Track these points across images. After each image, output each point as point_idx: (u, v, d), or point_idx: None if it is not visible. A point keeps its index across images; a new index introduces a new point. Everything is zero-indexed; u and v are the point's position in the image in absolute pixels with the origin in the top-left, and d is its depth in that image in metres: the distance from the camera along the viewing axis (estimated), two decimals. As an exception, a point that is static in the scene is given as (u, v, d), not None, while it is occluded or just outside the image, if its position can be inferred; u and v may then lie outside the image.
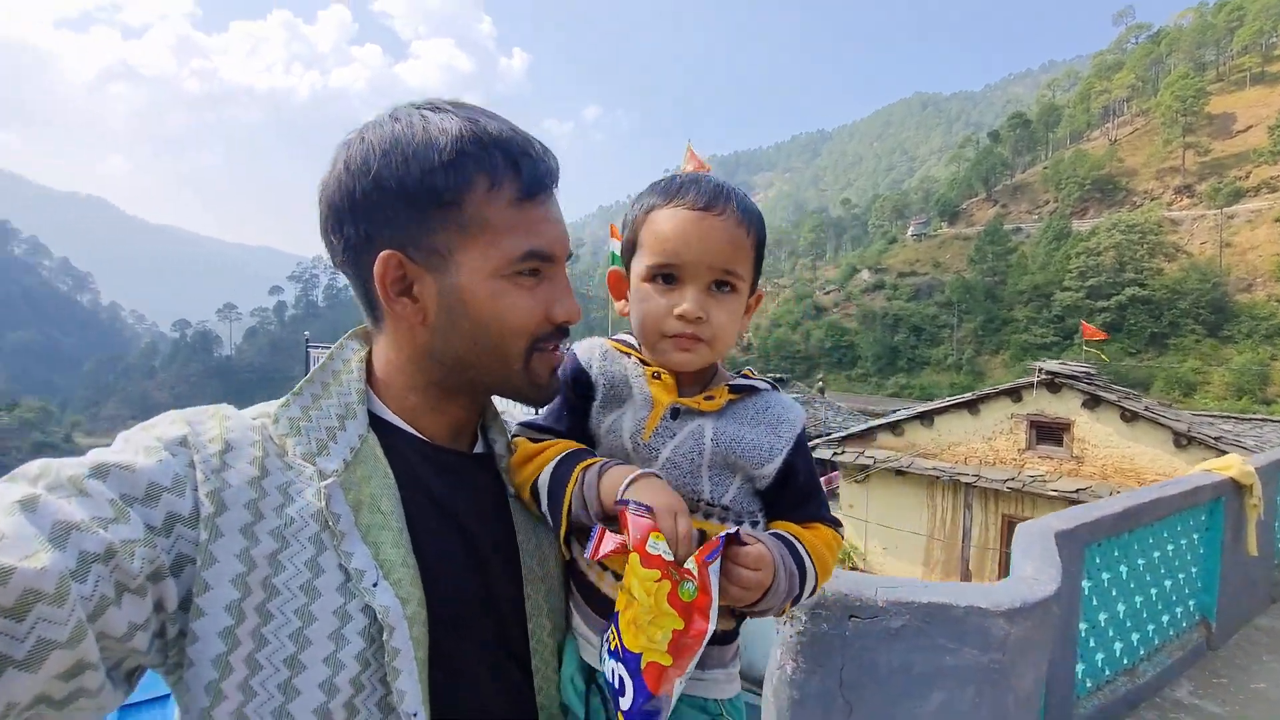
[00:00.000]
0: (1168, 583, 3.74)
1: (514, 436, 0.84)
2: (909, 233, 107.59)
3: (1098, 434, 11.18)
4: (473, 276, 0.70)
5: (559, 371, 0.78)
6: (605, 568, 0.76)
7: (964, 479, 12.00)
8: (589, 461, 0.76)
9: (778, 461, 0.79)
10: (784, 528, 0.80)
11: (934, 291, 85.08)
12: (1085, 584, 3.14)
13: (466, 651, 0.68)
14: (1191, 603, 3.97)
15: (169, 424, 0.62)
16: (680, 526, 0.66)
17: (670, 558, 0.63)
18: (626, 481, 0.70)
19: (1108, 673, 3.34)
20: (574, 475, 0.74)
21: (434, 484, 0.73)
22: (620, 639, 0.65)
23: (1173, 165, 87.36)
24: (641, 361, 0.83)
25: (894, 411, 15.36)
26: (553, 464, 0.76)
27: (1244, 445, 9.82)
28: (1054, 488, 10.78)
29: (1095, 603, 3.23)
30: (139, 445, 0.59)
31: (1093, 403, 11.21)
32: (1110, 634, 3.35)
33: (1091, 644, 3.24)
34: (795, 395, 26.59)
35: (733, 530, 0.67)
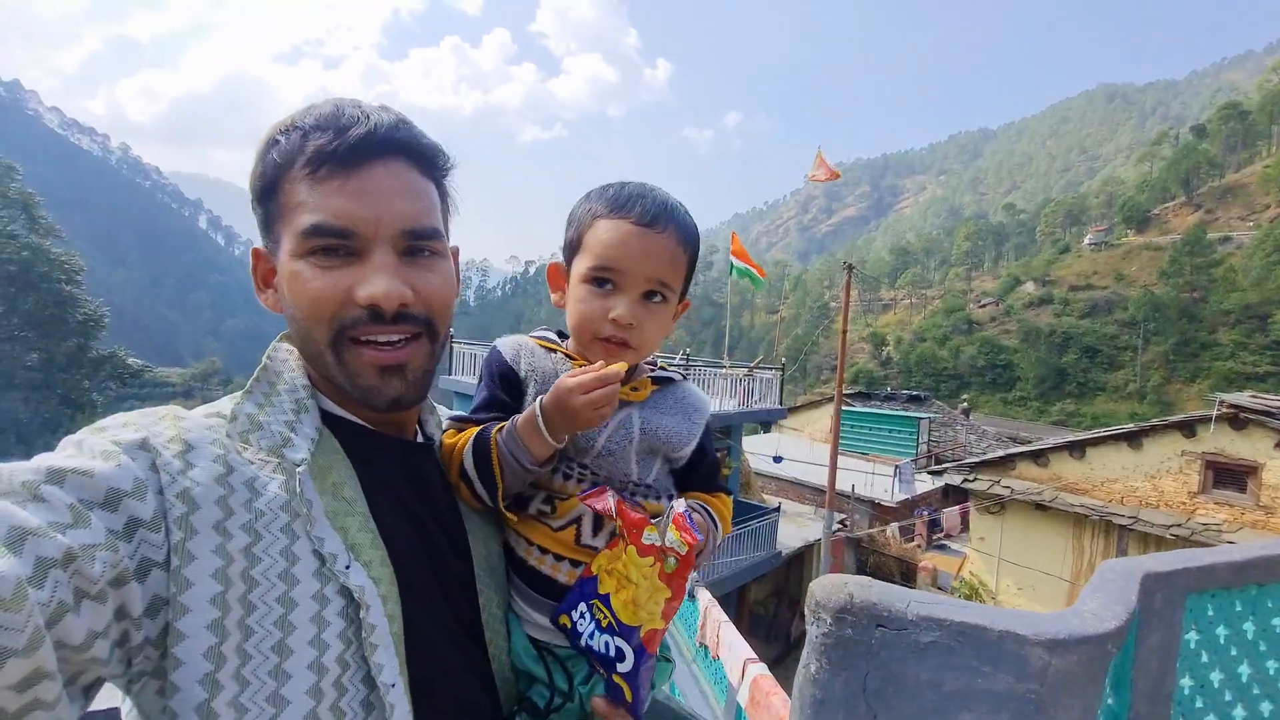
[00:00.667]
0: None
1: (445, 427, 0.86)
2: (1086, 241, 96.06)
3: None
4: (283, 260, 0.70)
5: (403, 379, 0.73)
6: (545, 551, 0.82)
7: (1118, 520, 10.64)
8: (499, 426, 0.81)
9: (693, 444, 0.92)
10: (697, 497, 0.92)
11: (1114, 308, 75.13)
12: (1190, 636, 2.84)
13: (428, 625, 0.71)
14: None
15: (121, 427, 0.62)
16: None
17: (661, 544, 0.73)
18: (539, 418, 0.77)
19: (1221, 742, 2.97)
20: (492, 441, 0.79)
21: (386, 472, 0.75)
22: (615, 617, 0.74)
23: None
24: (567, 356, 0.88)
25: (1039, 439, 13.93)
26: (470, 441, 0.80)
27: None
28: (1231, 539, 9.27)
29: (1205, 659, 2.90)
30: (94, 449, 0.58)
31: (1292, 444, 9.48)
32: (1228, 698, 2.98)
33: (1199, 704, 2.91)
34: (930, 414, 24.73)
35: (684, 510, 0.76)
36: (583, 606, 0.77)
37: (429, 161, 0.74)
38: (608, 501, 0.76)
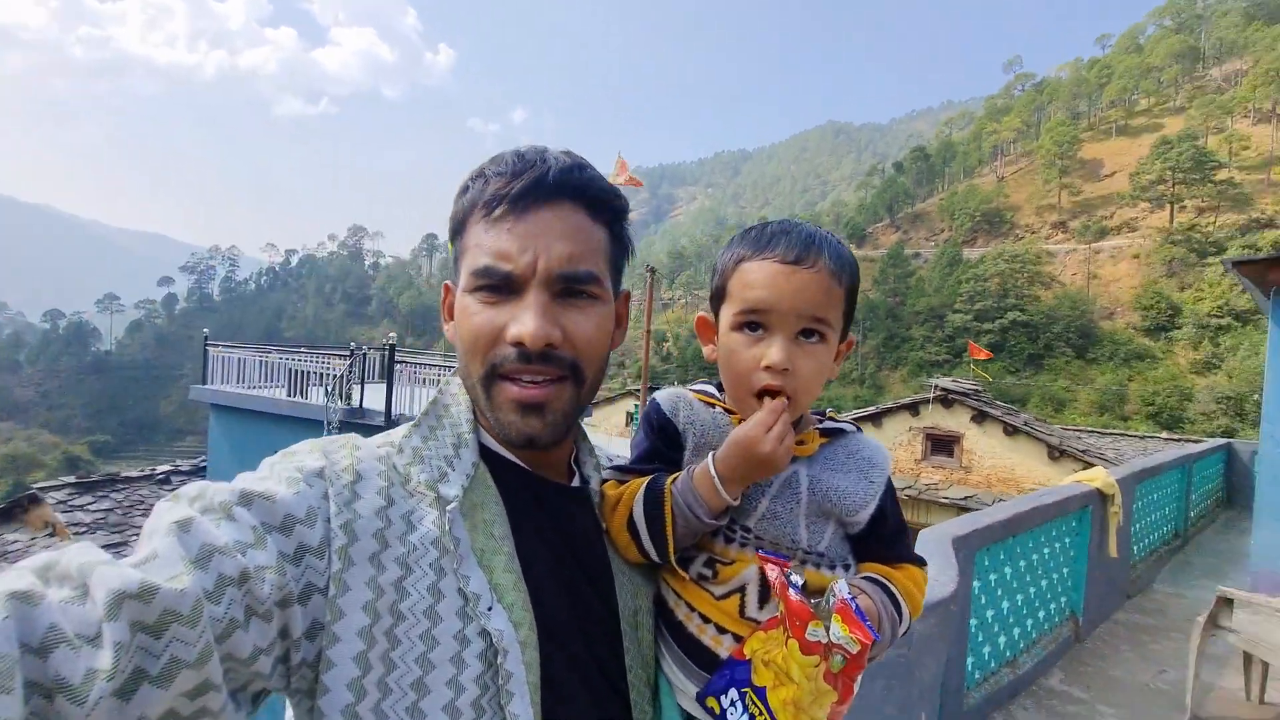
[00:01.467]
0: (1044, 583, 4.16)
1: (603, 481, 0.82)
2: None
3: (984, 446, 12.20)
4: (458, 295, 0.73)
5: (542, 419, 0.71)
6: (706, 620, 0.76)
7: (868, 488, 12.75)
8: (674, 476, 0.77)
9: (872, 507, 0.80)
10: (875, 570, 0.80)
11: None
12: (976, 584, 3.45)
13: (568, 675, 0.68)
14: (1063, 600, 4.43)
15: (307, 454, 0.66)
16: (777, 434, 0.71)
17: (826, 640, 0.64)
18: (713, 473, 0.73)
19: (993, 665, 3.67)
20: (666, 492, 0.75)
21: (535, 513, 0.74)
22: (771, 715, 0.66)
23: (1050, 203, 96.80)
24: (727, 410, 0.82)
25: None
26: (641, 492, 0.76)
27: (1105, 458, 10.99)
28: (945, 495, 11.66)
29: (984, 601, 3.56)
30: (281, 474, 0.62)
31: (980, 417, 12.24)
32: (996, 629, 3.69)
33: (980, 639, 3.55)
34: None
35: (849, 596, 0.68)
36: (734, 694, 0.69)
37: (600, 205, 0.74)
38: (777, 574, 0.70)
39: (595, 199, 0.73)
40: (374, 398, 11.46)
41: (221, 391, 12.70)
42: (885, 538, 0.82)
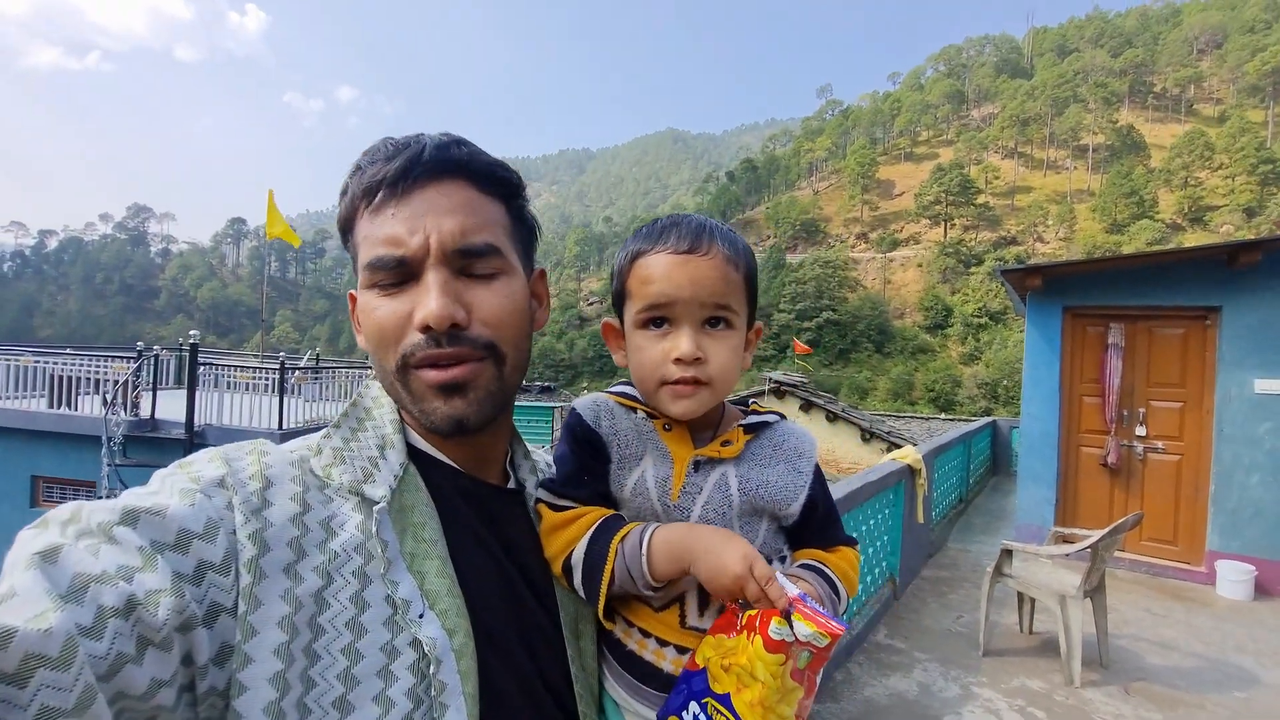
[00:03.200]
0: (870, 550, 4.70)
1: (536, 502, 0.79)
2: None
3: (811, 431, 13.52)
4: (359, 297, 0.70)
5: (465, 399, 0.68)
6: (646, 634, 0.74)
7: (711, 476, 13.57)
8: (624, 531, 0.73)
9: (803, 498, 0.79)
10: (811, 556, 0.80)
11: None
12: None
13: (507, 684, 0.65)
14: (884, 564, 5.03)
15: (206, 462, 0.61)
16: (759, 572, 0.64)
17: (791, 639, 0.62)
18: (683, 548, 0.68)
19: (833, 629, 4.07)
20: (611, 549, 0.71)
21: (469, 515, 0.71)
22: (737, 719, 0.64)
23: (855, 216, 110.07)
24: (649, 414, 0.80)
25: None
26: (586, 539, 0.73)
27: (904, 438, 12.71)
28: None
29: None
30: (174, 487, 0.57)
31: (807, 406, 13.55)
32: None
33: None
34: (560, 403, 27.11)
35: (798, 592, 0.65)
36: (695, 707, 0.66)
37: (489, 178, 0.71)
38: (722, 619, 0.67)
39: (482, 173, 0.70)
40: (170, 407, 9.86)
41: (-50, 403, 10.17)
42: (818, 525, 0.81)
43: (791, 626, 0.62)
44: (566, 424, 0.83)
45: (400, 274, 0.66)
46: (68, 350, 11.72)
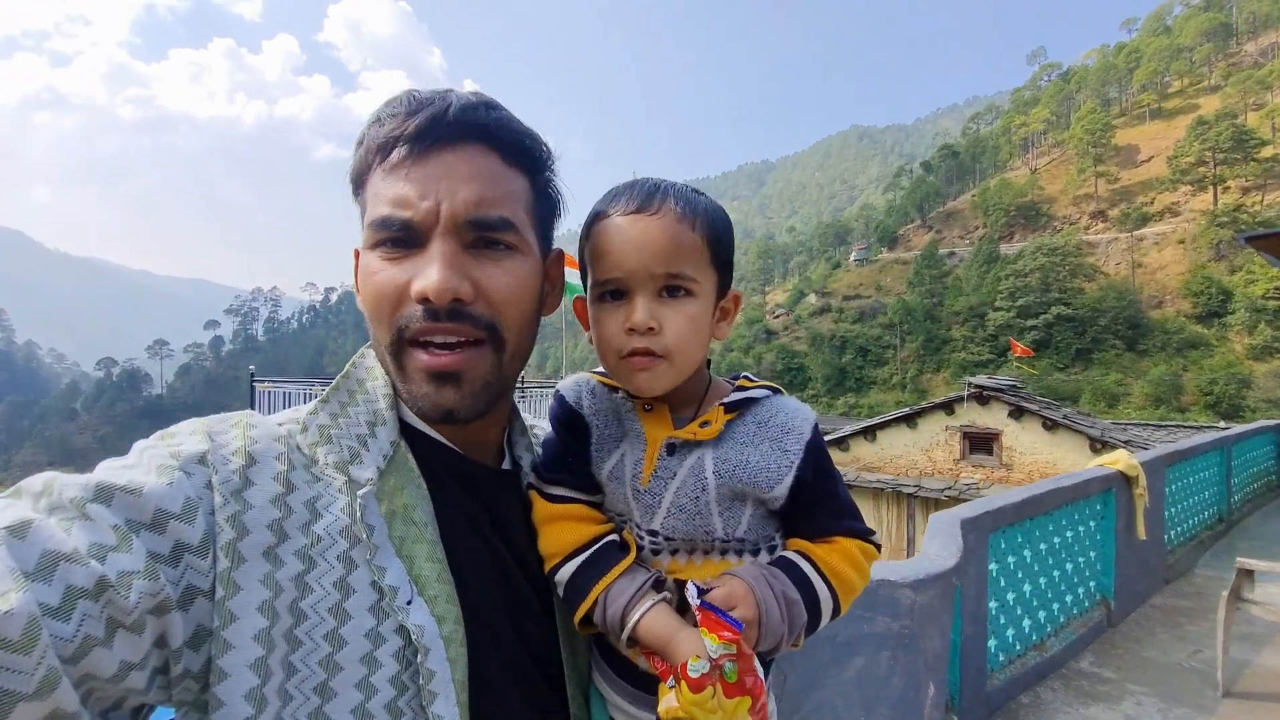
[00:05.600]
0: (1069, 565, 4.19)
1: (527, 486, 0.77)
2: (851, 258, 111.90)
3: (1023, 442, 11.98)
4: (361, 256, 0.67)
5: (458, 389, 0.64)
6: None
7: (905, 489, 12.62)
8: (613, 574, 0.70)
9: (788, 480, 0.71)
10: (795, 547, 0.74)
11: (877, 314, 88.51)
12: (993, 566, 3.53)
13: (498, 670, 0.64)
14: (1092, 584, 4.43)
15: (189, 435, 0.59)
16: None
17: (707, 669, 0.60)
18: (666, 635, 0.65)
19: (1019, 647, 3.72)
20: (594, 592, 0.69)
21: (462, 497, 0.69)
22: None
23: (1087, 192, 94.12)
24: (629, 394, 0.77)
25: (835, 429, 16.00)
26: (574, 566, 0.71)
27: (1149, 447, 10.71)
28: (987, 493, 11.46)
29: (1003, 584, 3.63)
30: (152, 462, 0.55)
31: (1018, 413, 12.03)
32: (1019, 612, 3.75)
33: (1002, 621, 3.62)
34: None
35: (698, 600, 0.64)
36: None
37: (515, 149, 0.66)
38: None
39: (508, 141, 0.65)
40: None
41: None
42: (808, 510, 0.73)
43: (704, 648, 0.60)
44: (551, 404, 0.80)
45: (405, 237, 0.62)
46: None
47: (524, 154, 0.67)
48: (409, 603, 0.58)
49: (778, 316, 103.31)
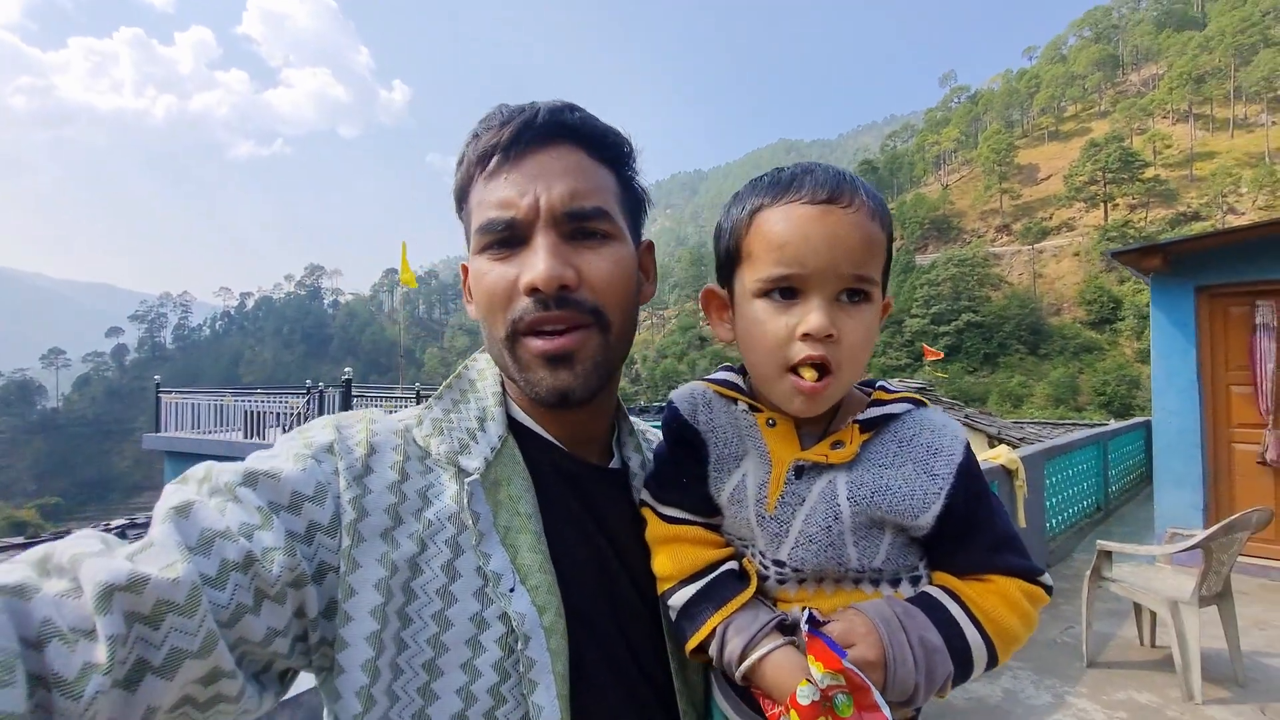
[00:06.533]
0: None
1: (640, 504, 0.75)
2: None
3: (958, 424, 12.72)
4: (471, 263, 0.70)
5: (571, 370, 0.65)
6: None
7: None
8: (730, 608, 0.65)
9: (936, 508, 0.62)
10: (942, 582, 0.66)
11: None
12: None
13: (599, 664, 0.64)
14: (981, 570, 4.80)
15: (320, 429, 0.64)
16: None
17: (817, 698, 0.56)
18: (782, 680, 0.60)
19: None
20: (708, 626, 0.65)
21: (566, 492, 0.70)
22: None
23: (993, 207, 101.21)
24: (751, 406, 0.70)
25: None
26: (689, 594, 0.67)
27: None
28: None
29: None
30: (290, 451, 0.60)
31: (928, 414, 12.78)
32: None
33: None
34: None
35: (807, 627, 0.59)
36: None
37: (600, 144, 0.69)
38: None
39: (593, 138, 0.69)
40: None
41: (176, 438, 12.55)
42: (958, 541, 0.64)
43: (814, 678, 0.57)
44: (664, 418, 0.75)
45: (510, 236, 0.65)
46: (258, 390, 13.96)
47: (609, 149, 0.70)
48: (511, 590, 0.60)
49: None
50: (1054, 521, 6.23)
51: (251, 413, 12.48)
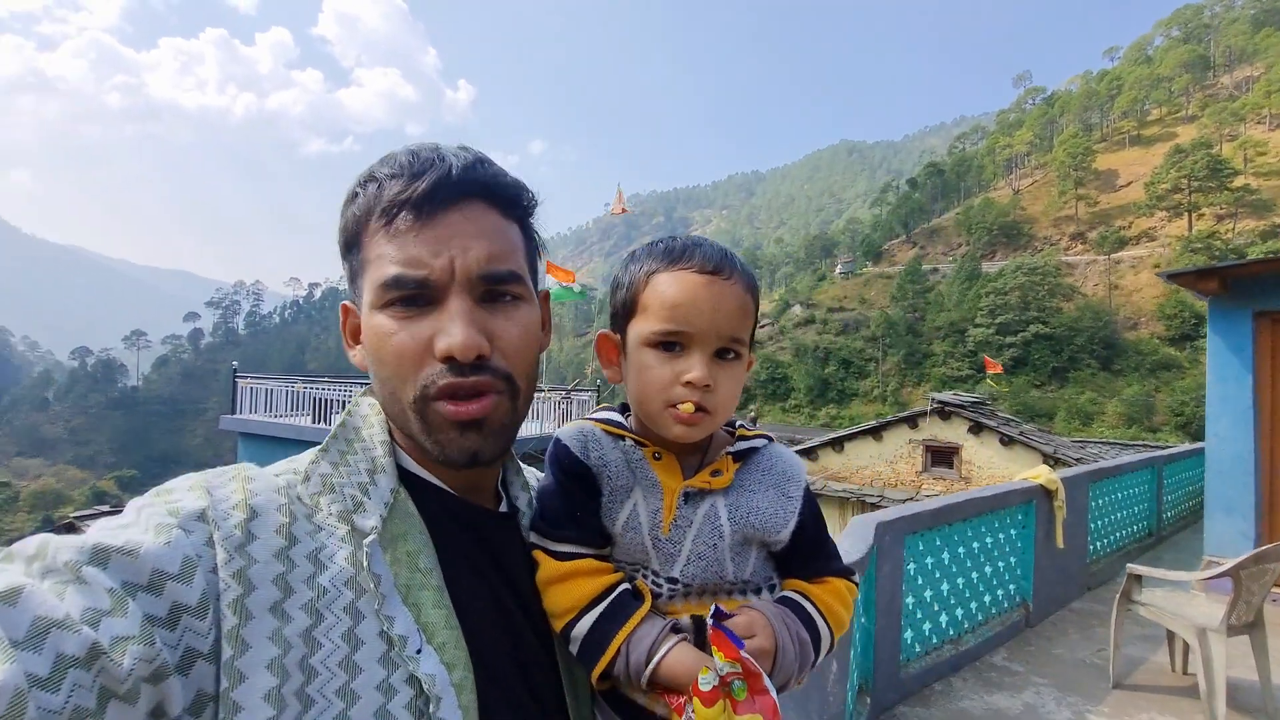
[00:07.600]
0: (989, 569, 4.58)
1: (531, 547, 0.76)
2: (837, 270, 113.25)
3: (981, 456, 12.47)
4: (365, 314, 0.67)
5: (481, 434, 0.66)
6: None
7: (870, 499, 13.04)
8: (633, 621, 0.70)
9: (793, 524, 0.76)
10: (794, 587, 0.78)
11: (861, 326, 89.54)
12: (910, 566, 3.91)
13: (509, 717, 0.63)
14: (1012, 587, 4.83)
15: (186, 491, 0.58)
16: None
17: (716, 684, 0.62)
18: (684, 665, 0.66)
19: (935, 640, 4.10)
20: (616, 641, 0.69)
21: (464, 541, 0.69)
22: None
23: (1067, 214, 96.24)
24: (637, 442, 0.78)
25: (809, 439, 16.44)
26: (592, 618, 0.70)
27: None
28: (945, 506, 11.93)
29: (920, 582, 4.00)
30: (149, 521, 0.53)
31: (977, 429, 12.53)
32: (936, 608, 4.12)
33: (919, 615, 3.99)
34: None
35: (713, 622, 0.66)
36: None
37: (510, 201, 0.69)
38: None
39: (505, 196, 0.69)
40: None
41: (250, 420, 13.49)
42: (804, 552, 0.78)
43: (713, 665, 0.63)
44: (552, 456, 0.78)
45: (419, 295, 0.64)
46: (326, 379, 14.85)
47: (517, 206, 0.70)
48: (418, 651, 0.58)
49: (763, 326, 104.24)
50: (1098, 544, 6.15)
51: (319, 399, 13.31)
